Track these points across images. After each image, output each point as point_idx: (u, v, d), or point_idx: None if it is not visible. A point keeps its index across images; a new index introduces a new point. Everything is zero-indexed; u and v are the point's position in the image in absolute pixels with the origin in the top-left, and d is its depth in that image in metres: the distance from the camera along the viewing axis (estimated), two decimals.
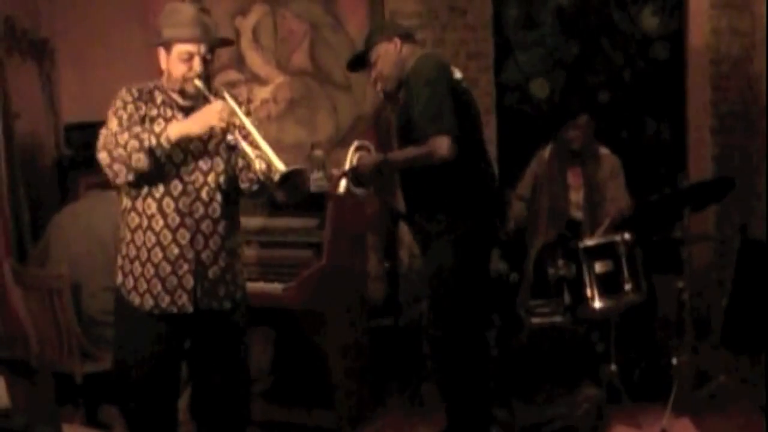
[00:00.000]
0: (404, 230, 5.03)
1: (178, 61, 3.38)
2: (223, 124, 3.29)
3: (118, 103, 3.37)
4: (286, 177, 3.18)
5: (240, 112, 3.36)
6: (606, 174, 4.92)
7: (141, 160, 3.24)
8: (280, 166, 3.20)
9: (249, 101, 3.45)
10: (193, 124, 3.31)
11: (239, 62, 5.83)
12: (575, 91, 5.70)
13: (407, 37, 3.98)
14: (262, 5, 5.74)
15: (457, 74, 3.89)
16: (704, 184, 4.78)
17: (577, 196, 4.96)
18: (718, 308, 5.20)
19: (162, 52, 3.42)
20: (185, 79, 3.38)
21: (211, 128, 3.30)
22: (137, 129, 3.28)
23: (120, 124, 3.32)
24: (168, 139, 3.27)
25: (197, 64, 3.37)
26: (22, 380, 2.98)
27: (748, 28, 5.43)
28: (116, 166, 3.26)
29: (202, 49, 3.37)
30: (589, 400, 4.22)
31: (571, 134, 4.88)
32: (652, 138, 5.73)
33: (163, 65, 3.44)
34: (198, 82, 3.36)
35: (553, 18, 5.71)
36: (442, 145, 3.62)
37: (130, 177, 3.28)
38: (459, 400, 3.90)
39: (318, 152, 4.54)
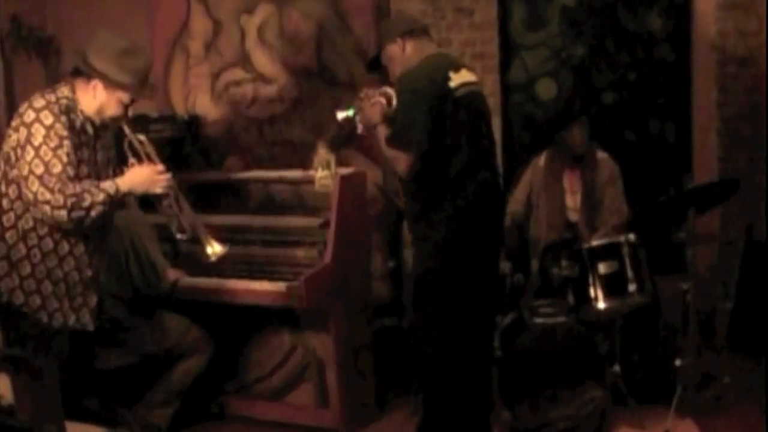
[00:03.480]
0: None
1: (116, 103, 3.48)
2: (165, 191, 3.56)
3: (55, 140, 3.35)
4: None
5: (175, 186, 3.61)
6: (604, 179, 4.91)
7: (98, 217, 3.41)
8: (215, 249, 3.63)
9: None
10: (140, 186, 3.52)
11: (245, 61, 5.84)
12: (581, 91, 5.69)
13: (412, 33, 3.91)
14: (268, 4, 5.74)
15: (459, 78, 3.78)
16: (709, 185, 4.77)
17: (574, 199, 4.95)
18: (723, 310, 5.19)
19: (100, 85, 3.46)
20: (114, 120, 3.51)
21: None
22: (95, 191, 3.37)
23: (65, 170, 3.35)
24: (120, 197, 3.47)
25: (129, 111, 3.55)
26: (26, 378, 2.98)
27: (755, 30, 5.41)
28: (65, 224, 3.37)
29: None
30: (593, 401, 4.22)
31: (574, 137, 4.86)
32: (658, 139, 5.72)
33: (95, 96, 3.47)
34: (132, 137, 3.57)
35: (559, 18, 5.70)
36: (402, 163, 3.67)
37: (73, 228, 3.42)
38: (439, 416, 3.89)
39: (323, 151, 4.54)
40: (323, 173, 4.43)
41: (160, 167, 3.56)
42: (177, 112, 5.88)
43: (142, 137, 3.62)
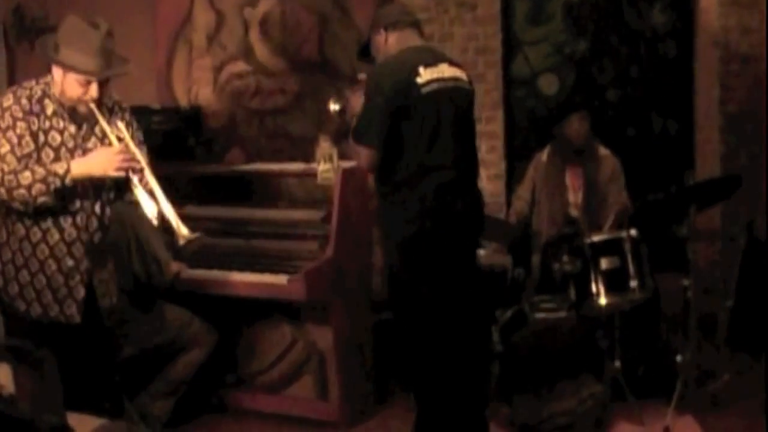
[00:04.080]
0: None
1: (75, 84, 3.41)
2: (121, 174, 3.40)
3: (7, 120, 3.35)
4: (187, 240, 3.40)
5: (141, 157, 3.46)
6: (606, 175, 4.91)
7: (47, 201, 3.36)
8: (183, 231, 3.39)
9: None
10: (96, 167, 3.40)
11: (247, 53, 5.83)
12: (584, 87, 5.69)
13: (396, 25, 3.84)
14: None
15: (432, 74, 3.67)
16: (711, 181, 4.78)
17: (575, 195, 4.95)
18: (724, 307, 5.19)
19: (56, 67, 3.43)
20: (79, 101, 3.43)
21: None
22: (39, 171, 3.32)
23: (12, 151, 3.33)
24: (72, 179, 3.36)
25: (94, 90, 3.41)
26: (27, 368, 2.98)
27: (758, 26, 5.41)
28: (16, 204, 3.35)
29: (101, 76, 3.40)
30: (593, 396, 4.22)
31: (572, 129, 4.86)
32: (660, 135, 5.72)
33: (57, 79, 3.44)
34: (95, 110, 3.43)
35: (562, 14, 5.69)
36: (362, 157, 3.66)
37: (30, 210, 3.38)
38: (430, 412, 3.84)
39: (325, 144, 4.54)
40: (325, 166, 4.43)
41: (117, 148, 3.43)
42: (179, 105, 5.88)
43: (119, 123, 3.55)
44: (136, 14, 5.70)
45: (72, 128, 3.48)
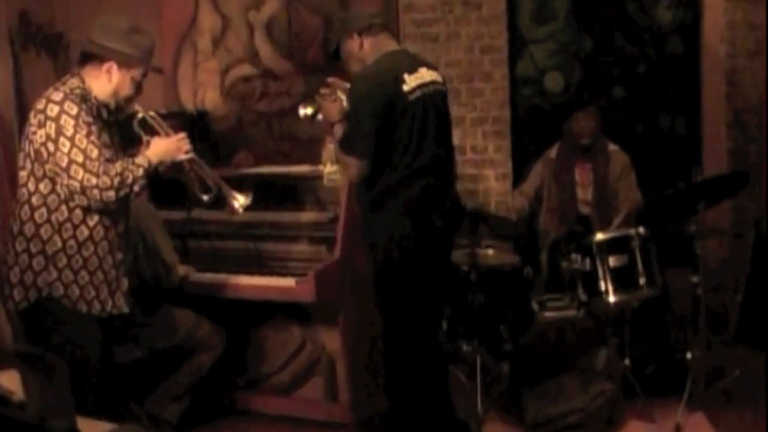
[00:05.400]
0: None
1: (131, 83, 3.59)
2: (189, 156, 3.73)
3: (85, 127, 3.42)
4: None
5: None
6: (617, 172, 4.91)
7: (140, 192, 3.55)
8: (240, 200, 3.85)
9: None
10: (168, 154, 3.67)
11: (253, 56, 5.85)
12: (590, 84, 5.69)
13: (370, 29, 3.81)
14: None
15: (415, 80, 3.70)
16: (719, 178, 4.76)
17: (585, 192, 4.95)
18: (733, 303, 5.18)
19: (114, 66, 3.54)
20: (128, 100, 3.61)
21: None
22: (134, 169, 3.48)
23: (102, 154, 3.42)
24: (153, 170, 3.58)
25: (140, 89, 3.64)
26: (37, 373, 2.99)
27: (764, 22, 5.39)
28: (121, 193, 3.45)
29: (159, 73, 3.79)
30: (603, 394, 4.21)
31: (580, 125, 4.87)
32: (667, 132, 5.71)
33: (110, 78, 3.56)
34: (145, 114, 3.75)
35: (568, 11, 5.69)
36: (351, 168, 3.69)
37: (111, 208, 3.52)
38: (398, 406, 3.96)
39: (331, 146, 4.54)
40: (332, 168, 4.42)
41: (180, 135, 3.73)
42: (186, 108, 5.89)
43: (152, 113, 3.77)
44: (142, 18, 5.66)
45: (99, 124, 3.54)
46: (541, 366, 4.38)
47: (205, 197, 3.84)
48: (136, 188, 3.48)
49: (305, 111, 3.97)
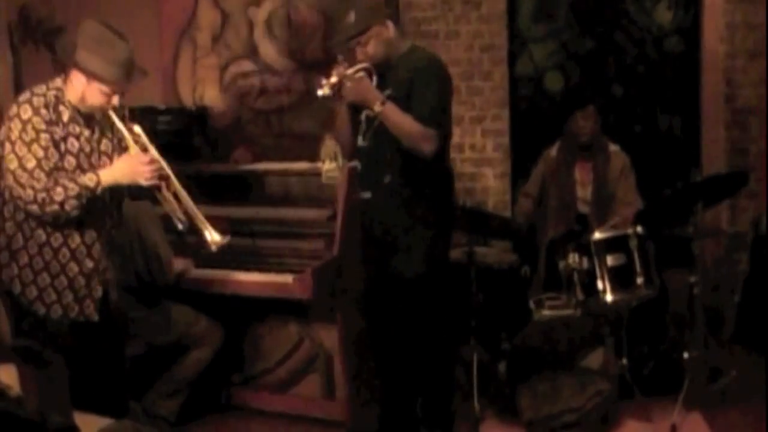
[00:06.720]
0: None
1: (98, 93, 3.38)
2: (152, 183, 3.44)
3: (31, 134, 3.30)
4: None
5: (166, 166, 3.47)
6: (616, 172, 4.91)
7: (76, 211, 3.34)
8: (214, 237, 3.51)
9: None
10: (125, 176, 3.43)
11: (252, 53, 5.84)
12: (589, 84, 5.69)
13: (391, 17, 3.95)
14: None
15: None
16: (717, 178, 4.76)
17: (584, 191, 4.95)
18: (731, 304, 5.18)
19: (78, 74, 3.38)
20: (99, 109, 3.42)
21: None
22: (71, 186, 3.30)
23: (40, 165, 3.28)
24: (102, 189, 3.38)
25: (116, 100, 3.40)
26: (34, 369, 2.98)
27: (763, 22, 5.39)
28: (47, 218, 3.34)
29: (127, 89, 3.43)
30: (600, 394, 4.21)
31: (579, 125, 4.88)
32: (666, 132, 5.71)
33: (77, 86, 3.39)
34: (115, 119, 3.43)
35: (567, 11, 5.69)
36: (432, 142, 3.68)
37: (61, 222, 3.38)
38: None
39: (330, 143, 4.54)
40: (330, 165, 4.42)
41: (146, 157, 3.44)
42: (185, 104, 5.88)
43: (136, 127, 3.52)
44: (141, 13, 5.70)
45: (86, 132, 3.46)
46: (538, 365, 4.38)
47: (180, 225, 3.56)
48: (66, 207, 3.29)
49: (323, 92, 3.86)
